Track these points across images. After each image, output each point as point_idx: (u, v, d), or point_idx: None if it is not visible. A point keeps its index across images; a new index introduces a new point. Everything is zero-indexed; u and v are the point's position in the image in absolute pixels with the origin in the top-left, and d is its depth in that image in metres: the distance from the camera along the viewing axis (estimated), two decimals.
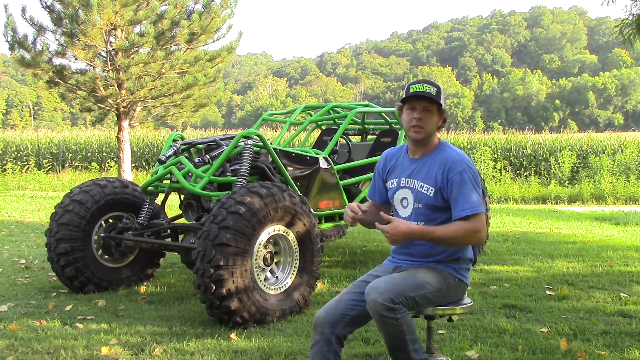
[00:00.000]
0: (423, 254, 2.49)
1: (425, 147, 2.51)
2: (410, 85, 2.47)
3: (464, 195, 2.37)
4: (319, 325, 2.37)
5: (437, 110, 2.45)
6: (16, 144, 19.29)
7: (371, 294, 2.25)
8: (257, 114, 60.83)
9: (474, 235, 2.35)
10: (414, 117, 2.44)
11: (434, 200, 2.44)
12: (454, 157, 2.44)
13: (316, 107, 6.65)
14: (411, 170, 2.51)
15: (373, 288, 2.27)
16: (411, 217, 2.49)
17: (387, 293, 2.23)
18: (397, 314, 2.23)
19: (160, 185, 4.62)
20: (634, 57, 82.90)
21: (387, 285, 2.27)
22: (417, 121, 2.43)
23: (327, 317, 2.37)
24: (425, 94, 2.41)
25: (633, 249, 6.58)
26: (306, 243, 4.01)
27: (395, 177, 2.56)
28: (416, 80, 2.48)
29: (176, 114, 11.48)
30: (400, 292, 2.27)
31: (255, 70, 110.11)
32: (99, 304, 4.18)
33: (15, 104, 63.83)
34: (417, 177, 2.49)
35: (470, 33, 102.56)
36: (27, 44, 9.67)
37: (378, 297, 2.22)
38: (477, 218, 2.35)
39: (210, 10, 10.08)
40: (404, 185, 2.52)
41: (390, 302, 2.22)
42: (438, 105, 2.44)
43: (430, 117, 2.44)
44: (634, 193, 13.78)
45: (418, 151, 2.53)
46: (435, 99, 2.41)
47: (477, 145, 16.89)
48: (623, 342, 3.30)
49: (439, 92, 2.44)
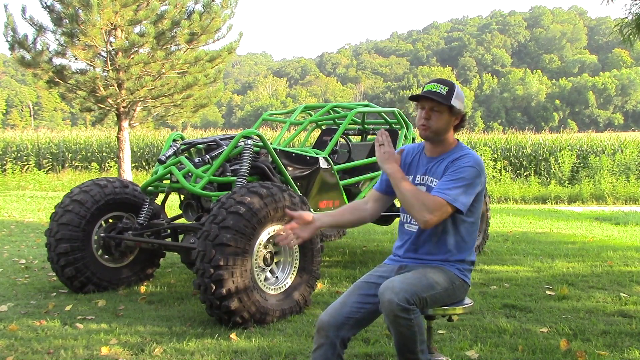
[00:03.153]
0: (428, 252, 2.48)
1: (441, 147, 2.50)
2: (425, 84, 2.49)
3: (449, 179, 2.35)
4: (323, 329, 2.33)
5: (448, 110, 2.43)
6: (16, 144, 19.29)
7: (386, 293, 2.21)
8: (257, 114, 60.85)
9: (422, 211, 2.28)
10: (422, 116, 2.46)
11: None
12: (463, 155, 2.43)
13: (316, 107, 6.64)
14: (427, 168, 2.51)
15: (388, 288, 2.23)
16: None
17: (403, 293, 2.20)
18: (411, 314, 2.20)
19: (160, 185, 4.61)
20: (634, 57, 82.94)
21: (403, 285, 2.24)
22: (424, 120, 2.45)
23: (331, 321, 2.33)
24: (431, 95, 2.40)
25: (633, 249, 6.58)
26: (306, 243, 4.00)
27: (411, 174, 2.55)
28: (431, 80, 2.48)
29: (176, 114, 11.48)
30: (414, 293, 2.24)
31: (255, 70, 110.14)
32: (99, 304, 4.18)
33: (15, 104, 63.85)
34: (432, 175, 2.49)
35: (470, 33, 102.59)
36: (27, 44, 9.68)
37: (394, 297, 2.18)
38: (439, 202, 2.30)
39: (210, 11, 10.08)
40: (419, 183, 2.51)
41: (406, 302, 2.19)
42: (449, 107, 2.42)
43: (438, 117, 2.43)
44: (634, 193, 13.78)
45: (434, 150, 2.52)
46: (441, 100, 2.40)
47: (477, 145, 16.88)
48: (623, 342, 3.30)
49: (450, 92, 2.42)
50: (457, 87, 2.46)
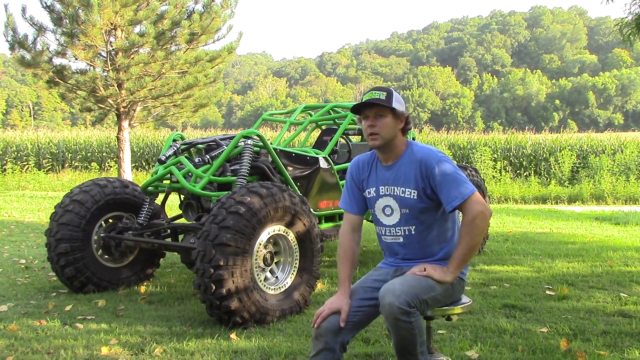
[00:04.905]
0: (422, 254, 2.48)
1: (394, 153, 2.47)
2: (363, 95, 2.47)
3: (448, 186, 2.34)
4: (321, 335, 2.32)
5: (392, 114, 2.42)
6: (16, 144, 19.30)
7: (387, 296, 2.21)
8: (257, 114, 60.86)
9: (479, 220, 2.31)
10: (368, 124, 2.43)
11: (419, 201, 2.41)
12: (424, 153, 2.42)
13: (316, 107, 6.64)
14: (388, 178, 2.48)
15: (389, 290, 2.22)
16: (400, 223, 2.47)
17: (404, 296, 2.19)
18: (412, 317, 2.20)
19: (160, 185, 4.62)
20: (634, 57, 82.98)
21: (403, 288, 2.23)
22: (371, 128, 2.42)
23: (329, 326, 2.32)
24: (373, 101, 2.39)
25: (633, 249, 6.58)
26: (306, 243, 4.00)
27: (373, 185, 2.52)
28: (367, 90, 2.48)
29: (176, 114, 11.48)
30: (415, 295, 2.23)
31: (255, 70, 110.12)
32: (99, 304, 4.18)
33: (15, 104, 63.86)
34: (396, 184, 2.45)
35: (470, 33, 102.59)
36: (27, 44, 9.67)
37: (395, 300, 2.18)
38: (467, 203, 2.32)
39: (210, 11, 10.07)
40: (384, 194, 2.48)
41: (407, 305, 2.18)
42: (391, 109, 2.41)
43: (384, 122, 2.41)
44: (634, 193, 13.78)
45: (388, 158, 2.49)
46: (383, 104, 2.39)
47: (477, 145, 16.88)
48: (623, 342, 3.30)
49: (389, 96, 2.41)
50: (394, 91, 2.47)
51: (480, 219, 2.32)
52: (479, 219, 2.32)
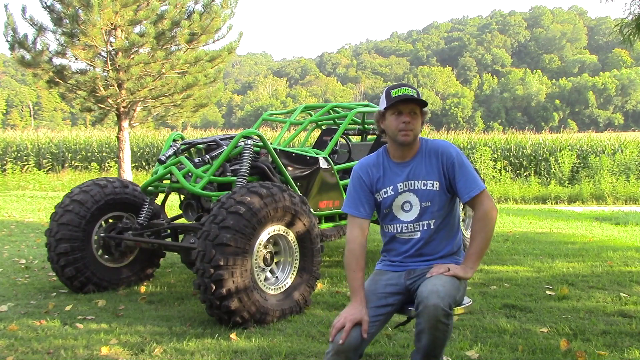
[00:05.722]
0: (433, 250, 2.47)
1: (413, 149, 2.49)
2: (390, 90, 2.44)
3: (466, 177, 2.41)
4: (342, 352, 2.23)
5: (420, 111, 2.46)
6: (16, 144, 19.30)
7: (432, 298, 2.16)
8: (257, 114, 60.89)
9: (493, 214, 2.39)
10: (403, 121, 2.41)
11: (441, 192, 2.44)
12: (442, 145, 2.48)
13: (316, 107, 6.64)
14: (407, 173, 2.47)
15: (433, 292, 2.18)
16: (419, 218, 2.46)
17: (448, 298, 2.17)
18: (450, 319, 2.19)
19: (160, 185, 4.62)
20: (634, 57, 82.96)
21: (446, 290, 2.20)
22: (407, 125, 2.41)
23: (352, 342, 2.24)
24: (410, 97, 2.39)
25: (633, 249, 6.58)
26: (306, 243, 4.00)
27: (390, 184, 2.50)
28: (393, 85, 2.46)
29: (176, 114, 11.48)
30: (453, 297, 2.23)
31: (255, 70, 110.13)
32: (99, 304, 4.18)
33: (15, 104, 63.86)
34: (417, 178, 2.46)
35: (470, 33, 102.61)
36: (27, 44, 9.68)
37: (440, 302, 2.15)
38: (481, 196, 2.40)
39: (210, 11, 10.07)
40: (404, 189, 2.47)
41: (449, 308, 2.17)
42: (421, 107, 2.44)
43: (417, 120, 2.44)
44: (634, 193, 13.78)
45: (407, 154, 2.49)
46: (421, 100, 2.42)
47: (477, 145, 16.88)
48: (623, 342, 3.30)
49: (419, 94, 2.44)
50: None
51: (494, 214, 2.40)
52: (493, 213, 2.39)
